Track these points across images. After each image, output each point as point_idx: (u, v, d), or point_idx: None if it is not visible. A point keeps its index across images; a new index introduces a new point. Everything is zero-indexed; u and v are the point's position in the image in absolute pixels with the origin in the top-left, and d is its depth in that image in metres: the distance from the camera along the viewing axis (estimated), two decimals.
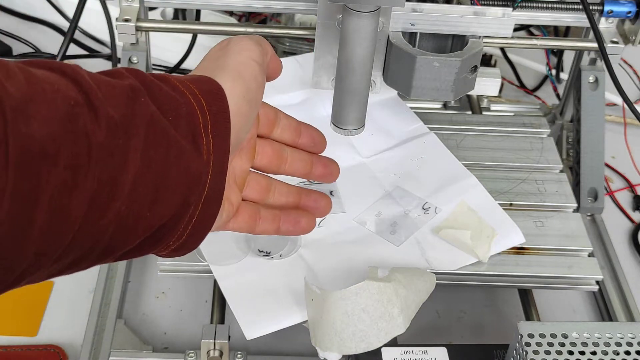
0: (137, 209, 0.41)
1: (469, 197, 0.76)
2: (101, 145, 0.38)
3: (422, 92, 0.73)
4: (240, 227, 0.55)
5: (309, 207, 0.59)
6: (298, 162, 0.58)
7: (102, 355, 0.70)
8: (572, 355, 0.58)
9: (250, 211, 0.55)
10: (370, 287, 0.61)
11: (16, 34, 1.08)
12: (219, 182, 0.46)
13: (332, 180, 0.61)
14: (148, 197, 0.41)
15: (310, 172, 0.59)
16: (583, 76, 0.87)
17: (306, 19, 0.98)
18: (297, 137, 0.58)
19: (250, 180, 0.56)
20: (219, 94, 0.47)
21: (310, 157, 0.59)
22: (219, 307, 0.72)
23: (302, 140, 0.59)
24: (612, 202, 0.94)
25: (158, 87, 0.44)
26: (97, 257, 0.42)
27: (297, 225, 0.58)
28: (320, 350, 0.63)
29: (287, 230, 0.58)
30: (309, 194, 0.59)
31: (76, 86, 0.39)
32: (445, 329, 0.77)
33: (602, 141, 0.87)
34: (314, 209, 0.59)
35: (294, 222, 0.58)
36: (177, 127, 0.43)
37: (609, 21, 0.85)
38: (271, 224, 0.57)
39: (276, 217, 0.57)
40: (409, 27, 0.73)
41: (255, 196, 0.56)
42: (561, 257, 0.75)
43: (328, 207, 0.60)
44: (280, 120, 0.58)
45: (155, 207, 0.42)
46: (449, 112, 0.94)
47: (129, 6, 0.81)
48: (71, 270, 0.41)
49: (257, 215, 0.56)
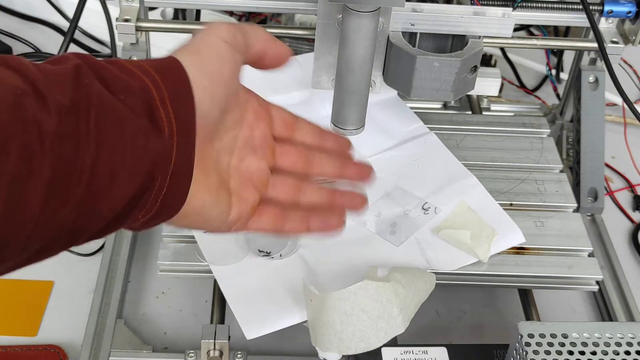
0: (98, 192, 0.41)
1: (469, 197, 0.76)
2: (53, 132, 0.38)
3: (422, 92, 0.73)
4: (264, 227, 0.54)
5: (344, 205, 0.57)
6: (328, 161, 0.57)
7: (102, 355, 0.70)
8: (572, 355, 0.58)
9: (276, 211, 0.54)
10: (369, 287, 0.61)
11: (16, 34, 1.08)
12: (187, 155, 0.45)
13: (365, 180, 0.58)
14: (107, 179, 0.41)
15: (343, 172, 0.57)
16: (583, 76, 0.87)
17: (306, 19, 0.98)
18: (322, 140, 0.57)
19: (275, 181, 0.55)
20: (174, 66, 0.46)
21: (339, 159, 0.57)
22: (219, 307, 0.72)
23: (327, 143, 0.57)
24: (612, 202, 0.94)
25: (105, 69, 0.43)
26: (65, 242, 0.42)
27: (327, 224, 0.56)
28: (320, 350, 0.63)
29: (317, 230, 0.56)
30: (343, 193, 0.57)
31: (21, 76, 0.39)
32: (445, 329, 0.77)
33: (602, 141, 0.87)
34: (350, 206, 0.57)
35: (323, 222, 0.56)
36: (129, 106, 0.42)
37: (609, 21, 0.85)
38: (300, 224, 0.55)
39: (305, 218, 0.55)
40: (409, 27, 0.73)
41: (283, 197, 0.55)
42: (561, 257, 0.75)
43: (364, 205, 0.58)
44: (300, 124, 0.57)
45: (116, 188, 0.41)
46: (449, 112, 0.94)
47: (129, 6, 0.81)
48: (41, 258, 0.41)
49: (284, 215, 0.55)
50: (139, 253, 0.83)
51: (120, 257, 0.80)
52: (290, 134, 0.56)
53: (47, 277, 0.80)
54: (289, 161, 0.55)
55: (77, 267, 0.80)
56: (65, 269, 0.80)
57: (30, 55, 1.06)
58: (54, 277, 0.80)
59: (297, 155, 0.56)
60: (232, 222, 0.51)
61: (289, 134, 0.56)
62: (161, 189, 0.44)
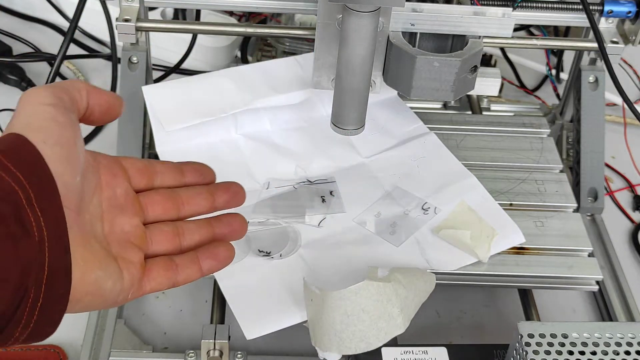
0: None
1: (469, 197, 0.76)
2: None
3: (422, 92, 0.73)
4: (160, 284, 0.51)
5: (225, 234, 0.54)
6: (196, 197, 0.53)
7: (102, 355, 0.70)
8: (572, 355, 0.58)
9: (164, 264, 0.51)
10: (370, 287, 0.61)
11: (16, 34, 1.08)
12: (62, 258, 0.42)
13: (240, 203, 0.55)
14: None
15: (214, 203, 0.54)
16: (583, 76, 0.87)
17: (306, 19, 0.98)
18: (182, 176, 0.54)
19: (152, 234, 0.51)
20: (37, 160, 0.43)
21: (207, 189, 0.54)
22: (219, 307, 0.72)
23: (188, 178, 0.54)
24: (612, 202, 0.94)
25: None
26: None
27: (217, 258, 0.53)
28: (320, 350, 0.63)
29: (209, 268, 0.52)
30: (219, 219, 0.54)
31: None
32: (445, 329, 0.77)
33: (602, 141, 0.87)
34: (230, 232, 0.54)
35: (213, 257, 0.52)
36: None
37: (609, 21, 0.85)
38: (192, 269, 0.52)
39: (194, 259, 0.52)
40: (409, 27, 0.73)
41: (166, 247, 0.52)
42: (561, 257, 0.75)
43: (244, 226, 0.54)
44: (155, 167, 0.53)
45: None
46: (449, 112, 0.94)
47: (129, 6, 0.81)
48: None
49: (173, 266, 0.51)
50: None
51: None
52: (149, 182, 0.53)
53: None
54: (159, 210, 0.52)
55: None
56: None
57: (30, 55, 1.06)
58: None
59: (164, 201, 0.52)
60: (127, 288, 0.49)
61: (149, 182, 0.53)
62: (37, 300, 0.41)
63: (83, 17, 0.84)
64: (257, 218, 0.74)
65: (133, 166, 0.52)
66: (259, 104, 0.81)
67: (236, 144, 0.80)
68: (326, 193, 0.77)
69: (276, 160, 0.80)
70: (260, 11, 1.03)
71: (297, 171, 0.79)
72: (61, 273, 0.43)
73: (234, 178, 0.78)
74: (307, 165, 0.80)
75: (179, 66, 0.99)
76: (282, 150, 0.81)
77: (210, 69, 1.02)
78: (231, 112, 0.81)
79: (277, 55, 1.02)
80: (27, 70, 1.02)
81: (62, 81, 0.49)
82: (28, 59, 1.05)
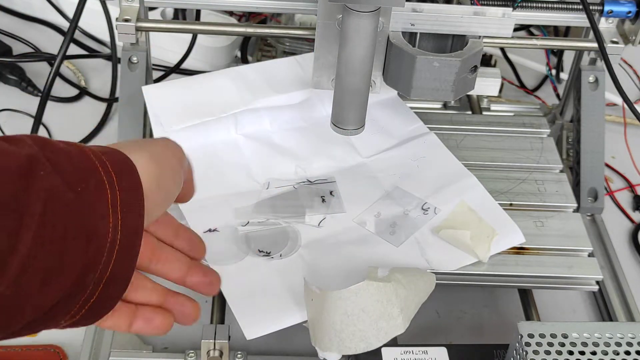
0: (24, 292, 0.38)
1: (469, 197, 0.76)
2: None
3: (422, 92, 0.73)
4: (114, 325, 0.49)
5: (173, 310, 0.51)
6: (174, 262, 0.52)
7: (102, 355, 0.70)
8: (572, 355, 0.58)
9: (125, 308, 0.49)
10: (370, 287, 0.61)
11: (16, 34, 1.08)
12: (127, 265, 0.43)
13: (211, 291, 0.53)
14: (38, 279, 0.38)
15: (186, 277, 0.52)
16: (583, 76, 0.87)
17: (306, 19, 0.98)
18: (175, 237, 0.53)
19: None
20: (132, 173, 0.43)
21: (188, 261, 0.53)
22: (219, 307, 0.72)
23: (179, 242, 0.53)
24: (612, 202, 0.94)
25: (66, 156, 0.41)
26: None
27: (150, 323, 0.50)
28: (320, 350, 0.63)
29: (139, 329, 0.50)
30: (176, 296, 0.52)
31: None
32: (445, 329, 0.77)
33: (602, 141, 0.87)
34: (179, 312, 0.51)
35: (147, 320, 0.50)
36: (82, 202, 0.40)
37: (609, 21, 0.85)
38: (124, 320, 0.49)
39: (131, 313, 0.50)
40: (409, 27, 0.73)
41: None
42: (561, 257, 0.75)
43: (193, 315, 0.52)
44: None
45: (45, 289, 0.39)
46: (449, 112, 0.94)
47: (129, 6, 0.81)
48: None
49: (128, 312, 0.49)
50: None
51: None
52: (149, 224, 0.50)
53: None
54: None
55: None
56: None
57: (30, 55, 1.06)
58: None
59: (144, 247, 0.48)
60: None
61: None
62: (90, 297, 0.42)
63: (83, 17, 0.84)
64: (257, 218, 0.74)
65: None
66: (259, 104, 0.81)
67: (236, 144, 0.80)
68: (326, 193, 0.77)
69: (276, 160, 0.80)
70: (260, 11, 1.03)
71: (297, 171, 0.79)
72: (121, 280, 0.43)
73: (234, 178, 0.78)
74: (307, 165, 0.80)
75: (179, 66, 0.99)
76: (282, 150, 0.81)
77: (210, 69, 1.02)
78: (231, 112, 0.81)
79: (277, 55, 1.02)
80: (27, 70, 1.02)
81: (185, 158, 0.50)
82: (28, 59, 1.05)
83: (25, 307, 0.39)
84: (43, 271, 0.38)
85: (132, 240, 0.43)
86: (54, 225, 0.38)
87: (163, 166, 0.46)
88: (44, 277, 0.38)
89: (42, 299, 0.39)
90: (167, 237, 0.52)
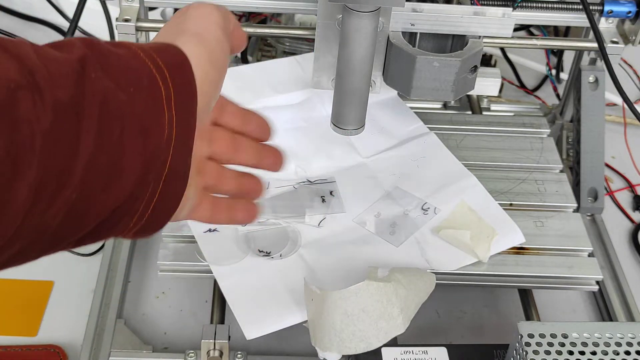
0: (88, 195, 0.38)
1: (469, 197, 0.76)
2: (46, 131, 0.35)
3: (422, 92, 0.73)
4: (203, 217, 0.52)
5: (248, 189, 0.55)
6: (250, 149, 0.54)
7: (102, 355, 0.70)
8: (572, 355, 0.58)
9: (211, 201, 0.53)
10: (370, 287, 0.61)
11: (16, 34, 1.08)
12: (183, 160, 0.43)
13: (277, 169, 0.56)
14: (101, 181, 0.39)
15: (261, 162, 0.55)
16: (583, 76, 0.87)
17: (306, 19, 0.98)
18: (245, 124, 0.54)
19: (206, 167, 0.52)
20: (184, 65, 0.44)
21: (258, 146, 0.55)
22: (219, 307, 0.72)
23: (249, 128, 0.54)
24: (612, 202, 0.94)
25: (116, 57, 0.40)
26: (46, 246, 0.40)
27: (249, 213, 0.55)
28: (320, 350, 0.63)
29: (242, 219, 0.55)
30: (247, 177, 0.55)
31: (19, 65, 0.36)
32: (445, 329, 0.77)
33: (602, 141, 0.87)
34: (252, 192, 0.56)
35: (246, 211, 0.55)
36: (135, 102, 0.40)
37: (609, 21, 0.85)
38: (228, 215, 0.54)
39: (231, 208, 0.54)
40: (409, 27, 0.73)
41: (212, 182, 0.52)
42: (561, 257, 0.75)
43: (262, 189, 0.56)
44: (227, 107, 0.54)
45: (108, 190, 0.39)
46: (449, 112, 0.94)
47: (129, 6, 0.81)
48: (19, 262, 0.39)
49: (217, 205, 0.53)
50: (139, 253, 0.83)
51: (120, 257, 0.80)
52: (219, 119, 0.53)
53: (47, 277, 0.79)
54: (221, 148, 0.53)
55: (77, 267, 0.80)
56: (65, 269, 0.80)
57: None
58: (54, 277, 0.80)
59: (227, 142, 0.53)
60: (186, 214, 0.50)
61: (218, 119, 0.53)
62: (154, 194, 0.43)
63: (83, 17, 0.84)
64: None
65: None
66: (259, 103, 0.81)
67: None
68: (326, 193, 0.77)
69: None
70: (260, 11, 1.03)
71: (297, 171, 0.79)
72: (180, 174, 0.44)
73: None
74: (307, 165, 0.80)
75: None
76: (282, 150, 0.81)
77: None
78: None
79: (277, 55, 1.02)
80: None
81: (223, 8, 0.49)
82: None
83: (90, 210, 0.39)
84: (105, 173, 0.39)
85: (187, 133, 0.43)
86: (111, 127, 0.39)
87: (211, 43, 0.46)
88: (106, 178, 0.39)
89: (106, 201, 0.40)
90: (237, 126, 0.54)
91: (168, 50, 0.44)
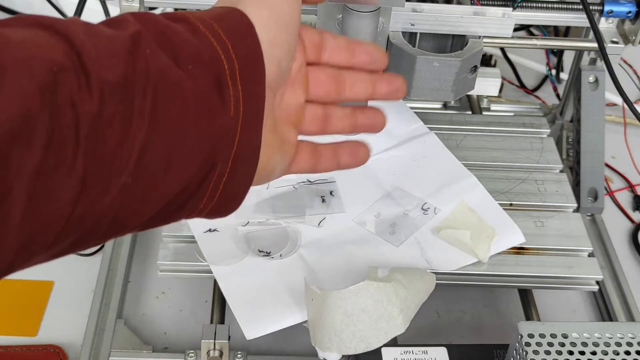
0: (146, 178, 0.36)
1: (469, 197, 0.76)
2: (93, 115, 0.33)
3: (422, 92, 0.73)
4: (302, 168, 0.50)
5: (366, 126, 0.53)
6: (359, 83, 0.50)
7: (102, 355, 0.70)
8: (572, 355, 0.58)
9: (310, 150, 0.50)
10: (370, 287, 0.61)
11: None
12: (253, 136, 0.41)
13: (398, 97, 0.52)
14: (160, 164, 0.37)
15: (374, 92, 0.51)
16: (583, 76, 0.87)
17: (306, 19, 0.98)
18: (351, 56, 0.50)
19: (306, 114, 0.49)
20: (248, 33, 0.41)
21: (370, 77, 0.50)
22: (219, 307, 0.72)
23: (357, 59, 0.50)
24: (612, 202, 0.94)
25: (174, 32, 0.38)
26: (106, 233, 0.37)
27: (356, 156, 0.52)
28: (320, 350, 0.63)
29: (347, 164, 0.52)
30: (363, 111, 0.52)
31: (66, 45, 0.34)
32: (445, 329, 0.77)
33: (602, 141, 0.87)
34: (371, 126, 0.53)
35: (352, 154, 0.52)
36: (197, 78, 0.38)
37: (609, 21, 0.85)
38: (331, 161, 0.51)
39: (335, 153, 0.51)
40: (409, 27, 0.73)
41: (314, 130, 0.50)
42: (561, 257, 0.75)
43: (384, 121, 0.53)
44: (327, 41, 0.49)
45: (169, 173, 0.37)
46: (449, 112, 0.94)
47: (129, 6, 0.82)
48: (77, 249, 0.37)
49: (317, 153, 0.50)
50: (139, 253, 0.83)
51: (120, 257, 0.80)
52: (318, 56, 0.49)
53: (47, 277, 0.80)
54: (321, 91, 0.49)
55: (77, 267, 0.80)
56: (65, 269, 0.80)
57: None
58: (54, 277, 0.80)
59: (328, 83, 0.49)
60: (285, 168, 0.48)
61: (318, 56, 0.49)
62: (222, 174, 0.40)
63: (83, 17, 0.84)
64: (257, 218, 0.74)
65: (309, 38, 0.48)
66: None
67: None
68: (326, 193, 0.77)
69: None
70: None
71: None
72: (249, 153, 0.42)
73: None
74: None
75: None
76: None
77: None
78: None
79: None
80: None
81: None
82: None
83: (151, 194, 0.37)
84: (164, 156, 0.37)
85: (255, 107, 0.41)
86: (169, 106, 0.37)
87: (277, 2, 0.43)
88: (165, 161, 0.37)
89: (168, 184, 0.38)
90: (343, 60, 0.50)
91: (230, 18, 0.41)
